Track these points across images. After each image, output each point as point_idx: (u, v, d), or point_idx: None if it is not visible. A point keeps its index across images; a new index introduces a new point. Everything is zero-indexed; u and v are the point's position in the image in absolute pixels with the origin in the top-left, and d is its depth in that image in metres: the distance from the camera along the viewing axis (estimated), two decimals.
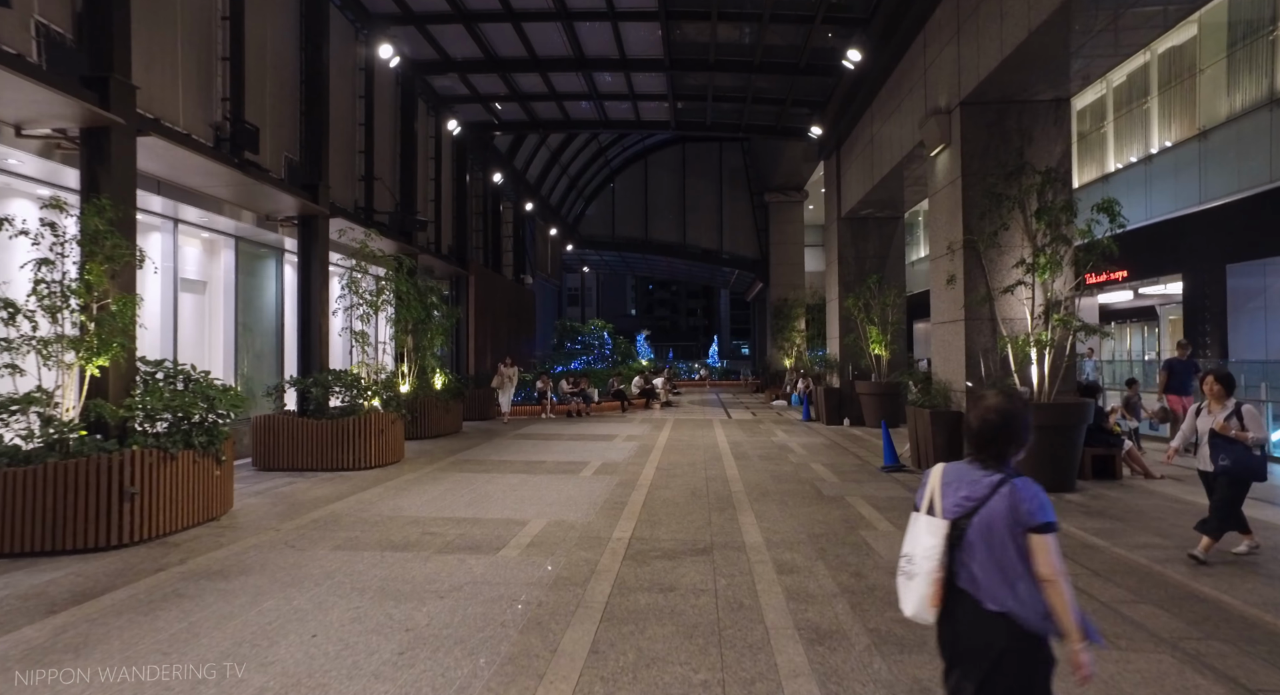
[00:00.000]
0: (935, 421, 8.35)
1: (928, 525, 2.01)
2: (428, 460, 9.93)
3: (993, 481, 1.97)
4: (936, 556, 1.96)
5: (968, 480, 2.01)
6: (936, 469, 2.11)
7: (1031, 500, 1.92)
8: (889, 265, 15.29)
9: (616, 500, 7.14)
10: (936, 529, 1.98)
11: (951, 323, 8.65)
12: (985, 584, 1.91)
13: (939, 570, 1.96)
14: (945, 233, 8.82)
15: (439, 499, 7.18)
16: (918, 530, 2.04)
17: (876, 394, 14.14)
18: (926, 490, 2.08)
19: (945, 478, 2.06)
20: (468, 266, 17.19)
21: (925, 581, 1.97)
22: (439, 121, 15.58)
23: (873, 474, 8.77)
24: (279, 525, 6.01)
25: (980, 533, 1.92)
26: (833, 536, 5.69)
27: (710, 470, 9.08)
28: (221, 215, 9.25)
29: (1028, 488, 1.95)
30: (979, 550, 1.92)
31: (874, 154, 12.90)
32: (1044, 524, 1.90)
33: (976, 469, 2.03)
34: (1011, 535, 1.90)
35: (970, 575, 1.94)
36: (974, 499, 1.96)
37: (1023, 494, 1.93)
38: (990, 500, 1.94)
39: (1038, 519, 1.90)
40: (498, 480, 8.29)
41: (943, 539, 1.96)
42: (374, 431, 9.08)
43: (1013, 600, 1.88)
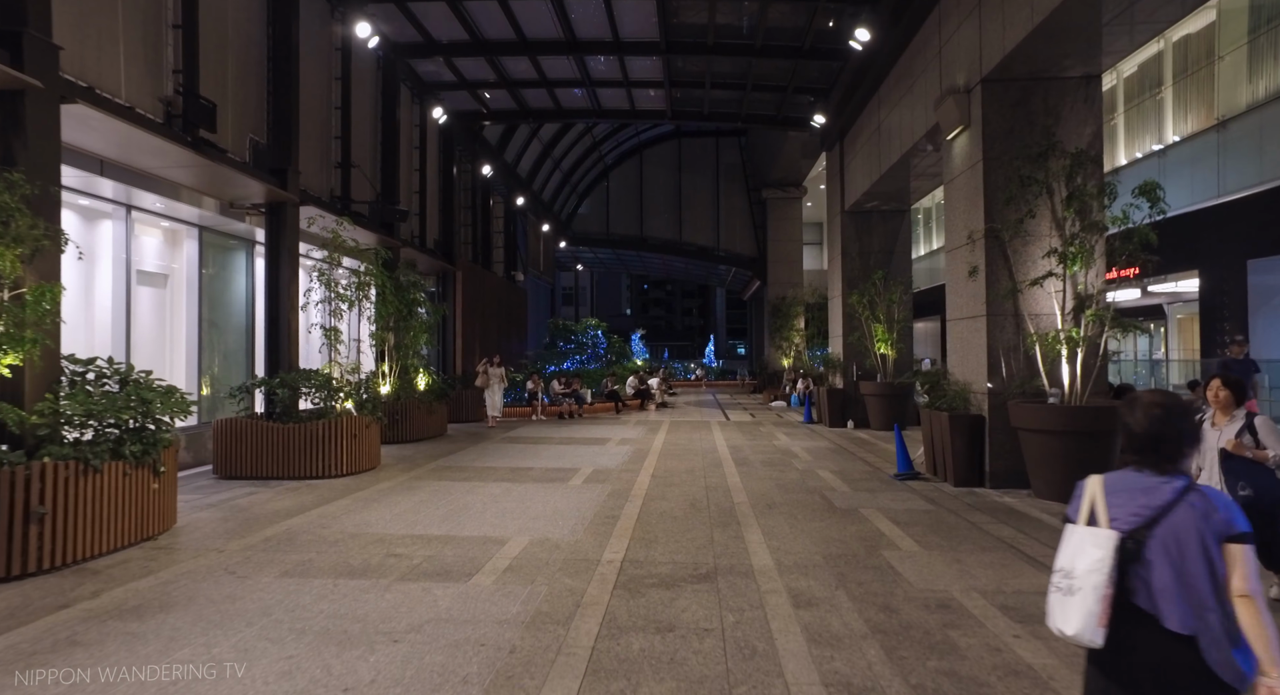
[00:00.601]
0: (955, 426, 7.70)
1: (1092, 537, 1.79)
2: (406, 467, 9.23)
3: (1177, 487, 1.76)
4: (1106, 570, 1.74)
5: (1141, 487, 1.80)
6: (1095, 479, 1.89)
7: (1227, 507, 1.73)
8: (894, 261, 14.66)
9: (608, 513, 6.46)
10: (1104, 541, 1.76)
11: (971, 319, 8.01)
12: (1169, 603, 1.71)
13: (1108, 586, 1.73)
14: (964, 221, 8.18)
15: (411, 512, 6.48)
16: (1079, 542, 1.81)
17: (883, 395, 13.51)
18: (1084, 501, 1.87)
19: (1109, 486, 1.85)
20: (455, 262, 16.48)
21: (1093, 598, 1.73)
22: (424, 109, 14.86)
23: (886, 482, 8.12)
24: (224, 545, 5.30)
25: (1164, 545, 1.73)
26: (852, 558, 5.02)
27: (710, 478, 8.41)
28: (181, 202, 8.52)
29: (1218, 494, 1.78)
30: (1161, 565, 1.72)
31: (881, 143, 12.26)
32: (1242, 533, 1.71)
33: (1150, 476, 1.81)
34: (1203, 547, 1.70)
35: (1149, 593, 1.74)
36: (1155, 507, 1.76)
37: (1216, 501, 1.73)
38: (1176, 508, 1.74)
39: (1237, 527, 1.71)
40: (479, 490, 7.59)
41: (1112, 552, 1.75)
42: (346, 436, 8.38)
43: (1200, 621, 1.69)
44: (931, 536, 5.62)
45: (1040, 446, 6.86)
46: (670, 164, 31.57)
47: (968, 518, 6.27)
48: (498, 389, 14.45)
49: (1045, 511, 6.47)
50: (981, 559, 5.00)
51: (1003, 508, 6.66)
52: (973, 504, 6.86)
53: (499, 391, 14.49)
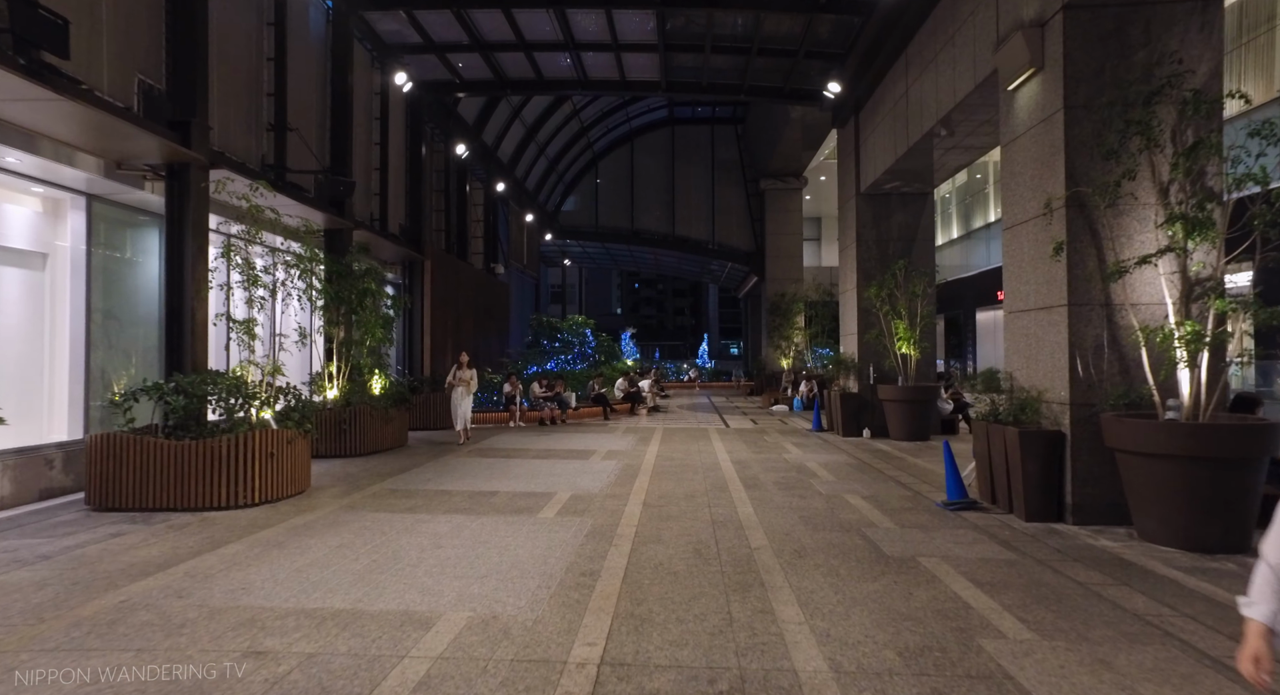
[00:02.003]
0: (1026, 444, 6.08)
1: None
2: (343, 490, 7.51)
3: None
4: None
5: None
6: None
7: None
8: (916, 249, 13.08)
9: (585, 567, 4.79)
10: None
11: (1043, 311, 6.39)
12: None
13: None
14: (1032, 189, 6.57)
15: (319, 566, 4.77)
16: None
17: (905, 401, 11.92)
18: None
19: None
20: (423, 250, 14.73)
21: None
22: (386, 75, 13.12)
23: (935, 514, 6.50)
24: (5, 637, 3.58)
25: None
26: (941, 656, 3.37)
27: (716, 507, 6.75)
28: (54, 160, 6.76)
29: None
30: None
31: (909, 110, 10.65)
32: None
33: None
34: None
35: None
36: None
37: None
38: None
39: None
40: (422, 526, 5.89)
41: None
42: (259, 455, 6.65)
43: None
44: (1040, 611, 3.98)
45: (1151, 475, 5.25)
46: (663, 153, 29.94)
47: (1071, 575, 4.64)
48: (464, 395, 11.79)
49: (1171, 564, 4.85)
50: (1135, 659, 3.36)
51: (1109, 558, 5.04)
52: (1063, 550, 5.23)
53: (467, 399, 11.82)
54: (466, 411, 11.79)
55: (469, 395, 11.89)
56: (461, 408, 11.74)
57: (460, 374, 11.91)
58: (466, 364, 12.03)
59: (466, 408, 11.78)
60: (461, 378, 11.88)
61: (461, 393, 11.80)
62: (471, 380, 11.93)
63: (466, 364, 12.03)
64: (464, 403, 11.79)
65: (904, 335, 12.07)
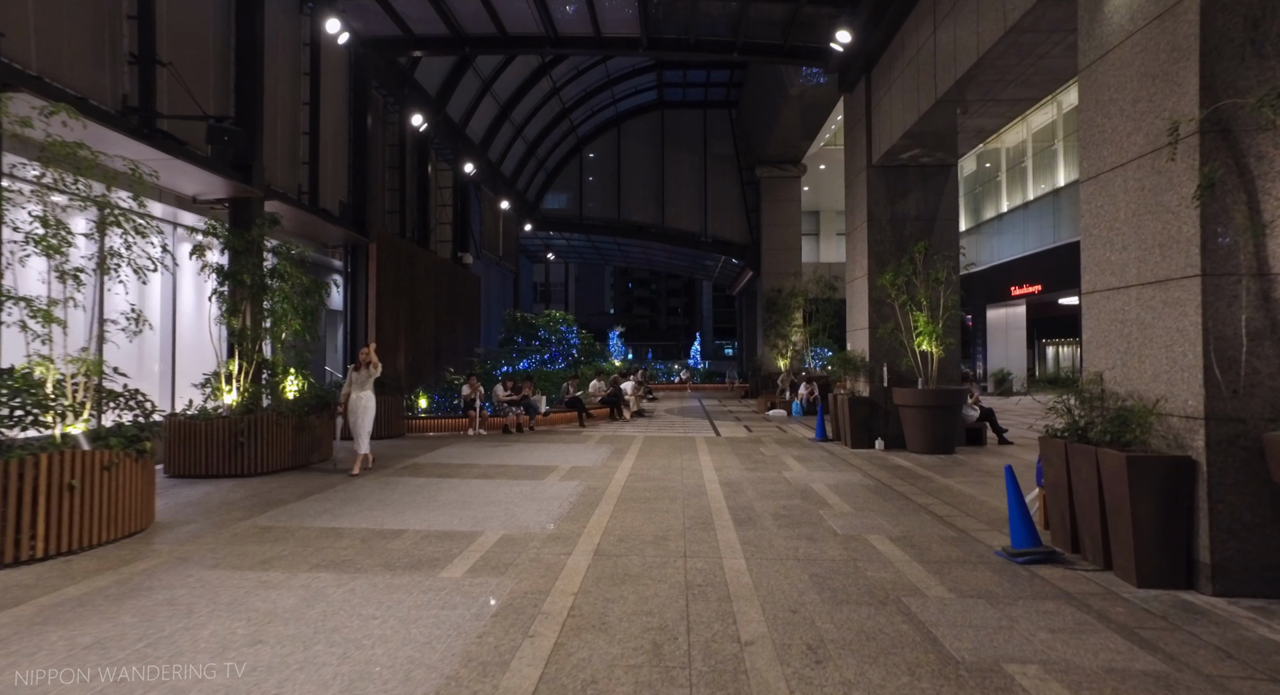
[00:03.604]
0: (1137, 476, 4.21)
1: None
2: (195, 530, 5.59)
3: None
4: None
5: None
6: None
7: None
8: (937, 230, 11.24)
9: (470, 688, 2.89)
10: None
11: (1155, 286, 4.53)
12: None
13: None
14: (1134, 117, 4.72)
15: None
16: None
17: (926, 407, 10.07)
18: None
19: None
20: (368, 231, 12.80)
21: None
22: (317, 23, 11.19)
23: (998, 568, 4.63)
24: None
25: None
26: None
27: (695, 558, 4.86)
28: None
29: None
30: None
31: (936, 58, 8.81)
32: None
33: None
34: None
35: None
36: None
37: None
38: None
39: None
40: (258, 597, 3.98)
41: None
42: (47, 487, 4.72)
43: None
44: None
45: None
46: (652, 139, 28.08)
47: None
48: (362, 404, 8.30)
49: None
50: None
51: None
52: (1230, 650, 3.36)
53: (366, 409, 8.32)
54: (366, 428, 8.32)
55: (368, 403, 8.36)
56: (362, 421, 8.29)
57: (357, 375, 8.31)
58: (368, 363, 8.33)
59: (367, 423, 8.33)
60: (359, 380, 8.31)
61: (366, 401, 8.32)
62: (366, 381, 8.34)
63: (368, 363, 8.33)
64: (365, 416, 8.30)
65: (924, 329, 10.22)
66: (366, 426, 8.39)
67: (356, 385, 8.36)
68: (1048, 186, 22.84)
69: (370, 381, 8.39)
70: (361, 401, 8.35)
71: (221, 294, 8.43)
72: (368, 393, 8.41)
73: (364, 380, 8.37)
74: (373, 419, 8.47)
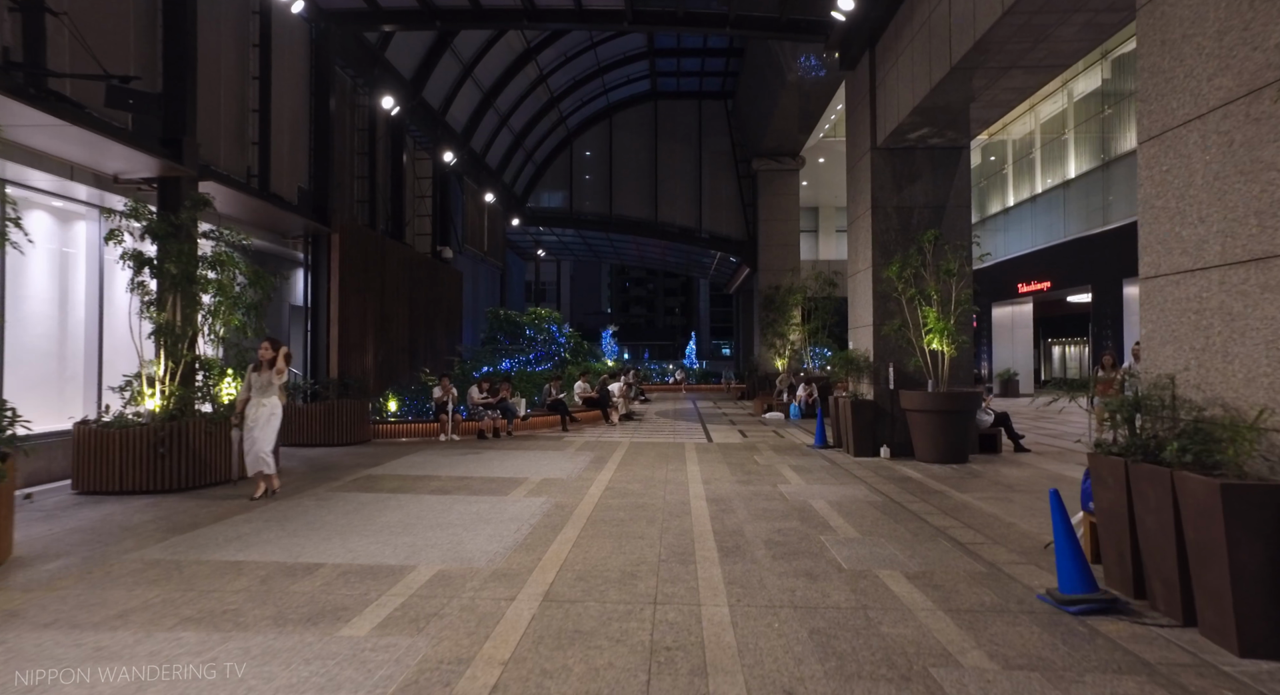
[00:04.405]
0: (1235, 513, 3.25)
1: None
2: (56, 571, 4.60)
3: None
4: None
5: None
6: None
7: None
8: (948, 218, 10.29)
9: None
10: None
11: (1245, 266, 3.58)
12: None
13: None
14: (1213, 58, 3.77)
15: None
16: None
17: (937, 411, 9.10)
18: None
19: None
20: (330, 221, 11.81)
21: None
22: None
23: (1046, 622, 3.66)
24: None
25: None
26: None
27: (667, 605, 3.89)
28: None
29: None
30: None
31: (951, 21, 7.85)
32: None
33: None
34: None
35: None
36: None
37: None
38: None
39: None
40: (70, 684, 2.99)
41: None
42: None
43: None
44: None
45: None
46: (645, 131, 27.12)
47: None
48: (264, 414, 6.74)
49: None
50: None
51: None
52: None
53: (268, 420, 6.75)
54: (266, 443, 6.69)
55: (273, 410, 6.79)
56: (263, 436, 6.68)
57: (256, 377, 6.78)
58: (270, 361, 6.78)
59: (268, 436, 6.72)
60: (260, 383, 6.76)
61: (268, 410, 6.75)
62: (272, 383, 6.78)
63: (270, 361, 6.78)
64: (265, 428, 6.69)
65: (935, 326, 9.26)
66: (268, 441, 6.72)
67: (256, 390, 6.78)
68: (1056, 179, 21.90)
69: (275, 387, 6.85)
70: (264, 410, 6.73)
71: (142, 284, 7.44)
72: (271, 399, 6.80)
73: (264, 384, 6.78)
74: (276, 432, 6.82)
